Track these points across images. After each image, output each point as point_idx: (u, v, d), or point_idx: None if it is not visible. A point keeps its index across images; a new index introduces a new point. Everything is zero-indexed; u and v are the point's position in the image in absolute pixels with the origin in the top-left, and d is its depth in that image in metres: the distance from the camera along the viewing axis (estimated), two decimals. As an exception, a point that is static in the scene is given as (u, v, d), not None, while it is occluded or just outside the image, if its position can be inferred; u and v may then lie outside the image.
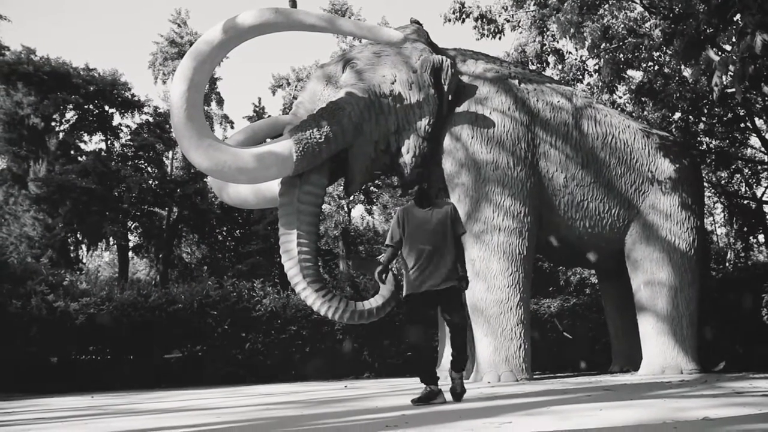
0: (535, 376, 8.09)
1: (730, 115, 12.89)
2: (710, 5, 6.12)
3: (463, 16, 11.95)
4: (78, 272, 20.36)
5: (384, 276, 5.07)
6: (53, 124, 24.13)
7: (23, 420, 4.97)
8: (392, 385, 8.07)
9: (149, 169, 26.47)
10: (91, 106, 25.00)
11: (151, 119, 26.25)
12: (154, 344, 11.73)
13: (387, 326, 11.56)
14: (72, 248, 24.64)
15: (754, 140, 15.80)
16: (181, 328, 11.66)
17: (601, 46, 10.19)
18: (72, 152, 25.10)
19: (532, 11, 11.40)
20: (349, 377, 11.63)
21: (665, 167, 8.43)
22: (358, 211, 31.09)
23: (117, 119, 26.19)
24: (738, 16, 5.97)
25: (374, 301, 7.39)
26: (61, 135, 24.55)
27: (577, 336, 11.52)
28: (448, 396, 4.95)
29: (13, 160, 23.10)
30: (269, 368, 11.71)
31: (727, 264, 21.99)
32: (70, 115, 25.06)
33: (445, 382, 5.09)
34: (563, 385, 6.59)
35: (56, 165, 22.63)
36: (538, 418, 3.48)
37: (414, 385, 7.18)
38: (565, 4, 9.66)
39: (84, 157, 24.87)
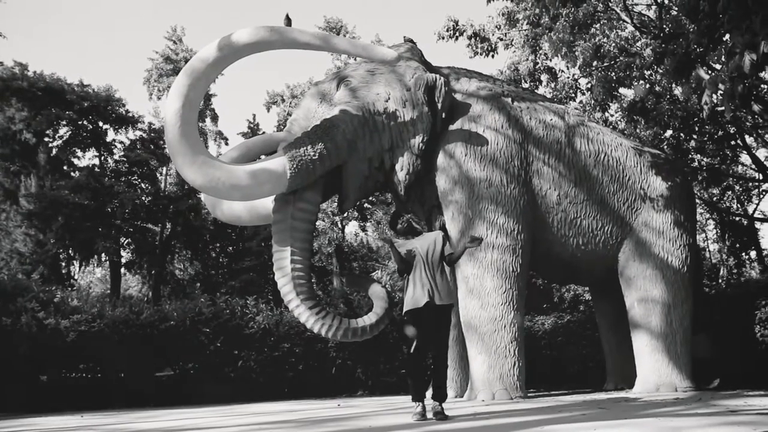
0: (529, 394, 8.05)
1: (720, 133, 13.01)
2: (700, 25, 6.21)
3: (457, 34, 12.08)
4: (69, 289, 20.18)
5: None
6: (46, 139, 24.10)
7: (11, 440, 4.90)
8: (386, 404, 8.00)
9: (142, 185, 26.42)
10: (84, 122, 25.00)
11: (145, 135, 26.26)
12: (146, 362, 11.61)
13: (381, 344, 11.50)
14: (63, 264, 24.49)
15: (745, 158, 15.95)
16: (173, 346, 11.55)
17: (593, 65, 10.30)
18: (65, 168, 25.04)
19: (525, 30, 11.53)
20: (342, 395, 11.53)
21: (657, 185, 8.48)
22: (351, 227, 31.09)
23: (111, 135, 26.22)
24: (727, 36, 6.06)
25: (368, 319, 7.36)
26: (54, 151, 24.51)
27: (571, 353, 11.49)
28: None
29: (5, 176, 23.02)
30: (262, 386, 11.61)
31: (720, 280, 22.07)
32: (63, 130, 25.06)
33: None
34: (558, 403, 6.56)
35: (47, 180, 22.56)
36: (533, 437, 3.45)
37: (409, 404, 7.13)
38: (557, 24, 9.78)
39: (77, 172, 24.81)
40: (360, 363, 11.92)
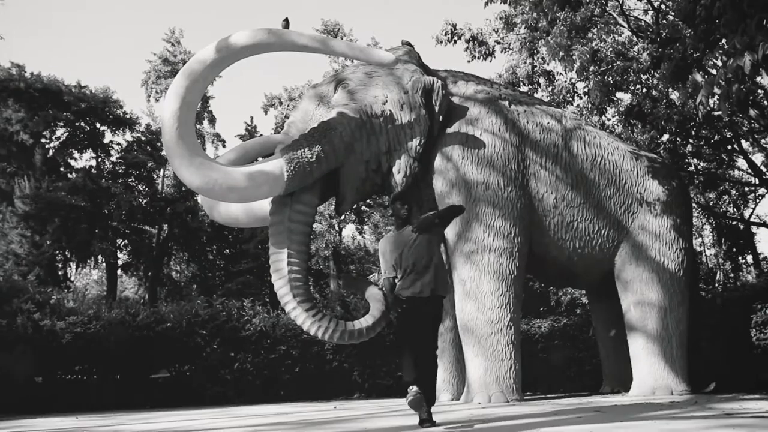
0: (525, 397, 8.04)
1: (717, 138, 13.06)
2: (696, 30, 6.24)
3: (455, 38, 12.11)
4: (65, 290, 20.13)
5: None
6: (43, 140, 24.05)
7: (6, 441, 4.88)
8: (382, 406, 7.99)
9: (140, 186, 26.38)
10: (82, 123, 24.95)
11: (142, 137, 26.23)
12: (142, 364, 11.58)
13: (378, 346, 11.48)
14: (60, 266, 24.40)
15: (741, 162, 16.01)
16: (170, 348, 11.52)
17: (590, 69, 10.33)
18: (62, 169, 24.99)
19: (523, 34, 11.56)
20: (339, 398, 11.51)
21: (654, 188, 8.50)
22: (349, 230, 31.08)
23: (108, 137, 26.17)
24: (723, 41, 6.09)
25: (365, 321, 7.31)
26: (50, 152, 24.46)
27: (568, 357, 11.49)
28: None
29: (1, 177, 22.95)
30: (258, 388, 11.58)
31: (716, 284, 22.11)
32: (60, 132, 25.01)
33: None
34: (554, 406, 6.56)
35: (43, 182, 22.50)
36: (529, 439, 3.45)
37: (406, 407, 7.12)
38: (555, 28, 9.81)
39: (74, 174, 24.76)
40: (357, 365, 11.90)
